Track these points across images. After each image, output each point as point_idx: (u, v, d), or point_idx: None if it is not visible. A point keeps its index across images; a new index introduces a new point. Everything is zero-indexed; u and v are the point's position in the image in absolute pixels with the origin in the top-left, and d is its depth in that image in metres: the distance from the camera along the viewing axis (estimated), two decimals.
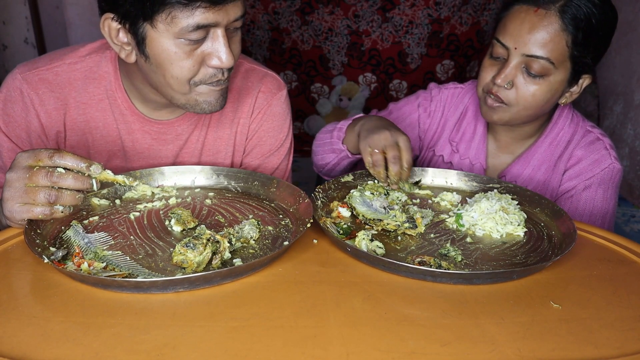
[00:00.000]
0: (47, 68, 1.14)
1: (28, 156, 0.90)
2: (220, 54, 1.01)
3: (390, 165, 1.15)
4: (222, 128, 1.27)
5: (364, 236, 0.98)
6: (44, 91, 1.13)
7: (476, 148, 1.43)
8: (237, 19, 1.01)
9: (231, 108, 1.26)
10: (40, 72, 1.14)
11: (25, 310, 0.78)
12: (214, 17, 0.97)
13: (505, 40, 1.22)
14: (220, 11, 0.97)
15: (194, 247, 0.88)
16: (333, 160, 1.40)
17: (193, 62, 1.01)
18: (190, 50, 1.00)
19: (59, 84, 1.14)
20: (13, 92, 1.13)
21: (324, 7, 3.57)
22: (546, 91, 1.23)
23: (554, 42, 1.18)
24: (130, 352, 0.71)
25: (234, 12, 1.00)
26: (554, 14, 1.17)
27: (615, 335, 0.79)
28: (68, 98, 1.15)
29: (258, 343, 0.73)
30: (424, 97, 1.50)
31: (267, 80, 1.29)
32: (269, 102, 1.29)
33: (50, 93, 1.14)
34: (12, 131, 1.14)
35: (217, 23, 0.98)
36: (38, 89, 1.13)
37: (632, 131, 3.29)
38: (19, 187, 0.89)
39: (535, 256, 1.00)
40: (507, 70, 1.22)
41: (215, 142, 1.28)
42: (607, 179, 1.34)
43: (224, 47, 1.01)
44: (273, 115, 1.30)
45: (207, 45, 1.01)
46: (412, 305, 0.84)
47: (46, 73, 1.14)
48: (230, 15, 0.99)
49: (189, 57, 1.01)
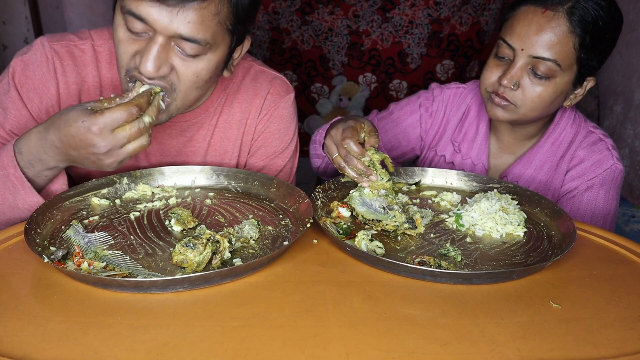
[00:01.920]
0: (75, 44, 1.16)
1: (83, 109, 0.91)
2: (143, 56, 0.97)
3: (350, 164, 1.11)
4: (229, 129, 1.28)
5: (363, 236, 0.98)
6: (68, 63, 1.15)
7: (478, 148, 1.43)
8: (185, 38, 0.96)
9: (239, 109, 1.27)
10: (68, 45, 1.16)
11: (26, 310, 0.78)
12: (147, 12, 0.94)
13: (512, 41, 1.22)
14: (160, 14, 0.94)
15: (193, 247, 0.88)
16: (321, 164, 1.42)
17: (130, 53, 1.00)
18: (130, 39, 0.99)
19: (83, 61, 1.16)
20: (39, 55, 1.13)
21: (324, 7, 3.57)
22: (552, 92, 1.23)
23: (561, 44, 1.18)
24: (130, 351, 0.71)
25: (182, 27, 0.95)
26: (562, 16, 1.17)
27: (615, 335, 0.79)
28: (88, 76, 1.17)
29: (258, 343, 0.73)
30: (425, 97, 1.50)
31: (276, 83, 1.30)
32: (277, 104, 1.29)
33: (73, 67, 1.15)
34: (26, 92, 1.13)
35: (153, 24, 0.95)
36: (64, 59, 1.14)
37: (632, 131, 3.28)
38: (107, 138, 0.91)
39: (535, 256, 1.00)
40: (513, 71, 1.22)
41: (223, 142, 1.28)
42: (609, 180, 1.34)
43: (150, 53, 0.96)
44: (280, 117, 1.31)
45: (143, 43, 0.98)
46: (412, 305, 0.84)
47: (73, 48, 1.16)
48: (171, 27, 0.95)
49: (127, 44, 0.99)
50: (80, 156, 0.94)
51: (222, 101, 1.26)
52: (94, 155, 0.92)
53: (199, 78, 1.04)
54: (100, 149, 0.91)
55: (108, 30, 1.19)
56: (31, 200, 1.00)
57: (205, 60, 1.02)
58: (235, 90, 1.27)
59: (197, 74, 1.03)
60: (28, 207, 1.01)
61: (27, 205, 1.01)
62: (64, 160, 0.97)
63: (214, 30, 0.99)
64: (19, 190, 0.99)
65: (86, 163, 0.95)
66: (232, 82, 1.27)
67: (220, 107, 1.26)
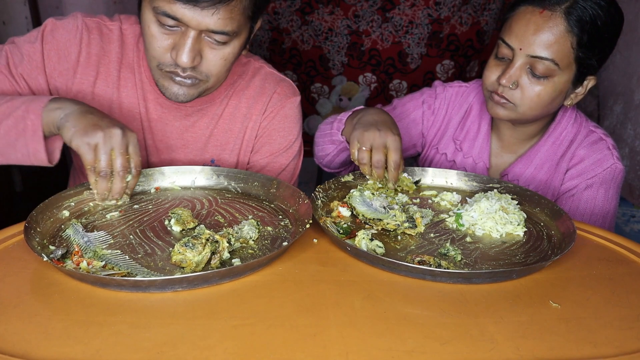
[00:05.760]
0: (105, 23, 1.24)
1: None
2: (179, 51, 1.07)
3: (374, 168, 1.16)
4: (234, 122, 1.31)
5: (363, 235, 0.98)
6: (95, 37, 1.22)
7: (480, 147, 1.43)
8: (215, 32, 1.05)
9: (246, 104, 1.31)
10: (99, 22, 1.24)
11: (27, 309, 0.78)
12: (182, 13, 1.02)
13: (511, 41, 1.22)
14: (194, 13, 1.02)
15: (193, 247, 0.88)
16: (333, 151, 1.40)
17: (164, 47, 1.08)
18: (162, 34, 1.07)
19: (109, 38, 1.24)
20: (70, 23, 1.21)
21: (324, 7, 3.57)
22: (550, 92, 1.23)
23: (558, 44, 1.18)
24: (131, 350, 0.71)
25: (212, 23, 1.04)
26: (560, 16, 1.18)
27: (614, 334, 0.79)
28: (111, 52, 1.24)
29: (258, 342, 0.73)
30: (428, 94, 1.51)
31: (284, 85, 1.34)
32: (283, 104, 1.32)
33: (99, 40, 1.23)
34: (48, 50, 1.19)
35: (187, 22, 1.04)
36: (91, 32, 1.22)
37: (632, 131, 3.28)
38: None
39: (534, 256, 1.00)
40: (511, 71, 1.22)
41: (225, 134, 1.31)
42: (609, 179, 1.34)
43: (186, 46, 1.06)
44: (285, 116, 1.33)
45: (177, 37, 1.07)
46: (412, 305, 0.84)
47: (102, 26, 1.24)
48: (203, 23, 1.04)
49: (160, 39, 1.08)
50: (78, 123, 0.99)
51: (229, 93, 1.29)
52: (82, 129, 0.98)
53: (227, 61, 1.14)
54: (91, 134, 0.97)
55: (134, 17, 1.27)
56: (32, 147, 1.04)
57: (231, 46, 1.12)
58: (243, 87, 1.31)
59: (225, 58, 1.13)
60: (26, 151, 1.04)
61: (25, 149, 1.04)
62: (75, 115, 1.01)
63: (239, 20, 1.08)
64: (28, 132, 1.03)
65: (76, 129, 0.99)
66: (242, 79, 1.31)
67: (227, 99, 1.29)
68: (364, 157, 1.16)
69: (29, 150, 1.04)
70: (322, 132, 1.44)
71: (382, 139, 1.15)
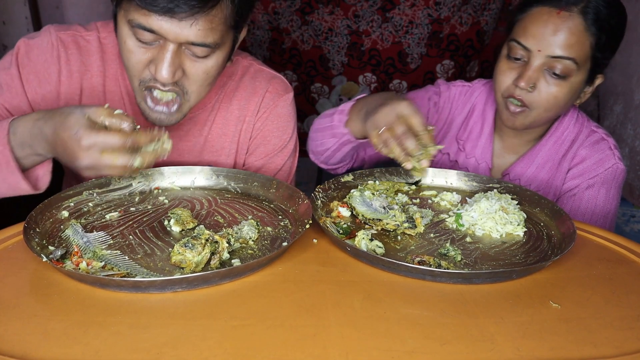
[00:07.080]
0: (81, 34, 1.19)
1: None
2: (158, 65, 1.00)
3: (403, 143, 1.01)
4: (227, 126, 1.28)
5: (363, 236, 0.98)
6: (73, 52, 1.17)
7: (482, 147, 1.43)
8: (195, 44, 1.00)
9: (238, 106, 1.28)
10: (74, 35, 1.18)
11: (26, 309, 0.78)
12: (159, 25, 0.96)
13: (527, 43, 1.22)
14: (171, 25, 0.96)
15: (192, 247, 0.88)
16: (333, 145, 1.31)
17: (142, 61, 1.02)
18: (140, 47, 1.01)
19: (88, 51, 1.18)
20: (45, 41, 1.15)
21: (324, 7, 3.57)
22: (567, 92, 1.24)
23: (579, 43, 1.19)
24: (130, 350, 0.71)
25: (192, 35, 0.98)
26: (577, 16, 1.19)
27: (615, 334, 0.79)
28: (92, 66, 1.19)
29: (257, 342, 0.73)
30: (433, 91, 1.51)
31: (275, 82, 1.31)
32: (276, 102, 1.30)
33: (78, 56, 1.17)
34: (26, 74, 1.14)
35: (165, 35, 0.98)
36: (69, 48, 1.16)
37: (632, 131, 3.28)
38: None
39: (534, 256, 1.00)
40: (529, 72, 1.22)
41: (220, 139, 1.28)
42: (611, 179, 1.34)
43: (165, 61, 1.00)
44: (278, 115, 1.31)
45: (155, 51, 1.01)
46: (412, 305, 0.84)
47: (79, 38, 1.18)
48: (182, 35, 0.98)
49: (138, 54, 1.02)
50: (63, 158, 0.94)
51: (220, 98, 1.27)
52: (74, 164, 0.92)
53: (209, 75, 1.08)
54: (81, 162, 0.90)
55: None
56: (11, 179, 0.99)
57: (213, 58, 1.06)
58: (234, 88, 1.28)
59: (207, 72, 1.07)
60: (7, 185, 1.00)
61: (5, 183, 1.00)
62: (52, 153, 0.97)
63: (221, 31, 1.02)
64: (2, 167, 0.98)
65: (68, 164, 0.95)
66: (231, 80, 1.28)
67: (218, 104, 1.27)
68: (386, 138, 1.03)
69: (9, 183, 1.00)
70: (320, 125, 1.36)
71: (395, 110, 1.04)
